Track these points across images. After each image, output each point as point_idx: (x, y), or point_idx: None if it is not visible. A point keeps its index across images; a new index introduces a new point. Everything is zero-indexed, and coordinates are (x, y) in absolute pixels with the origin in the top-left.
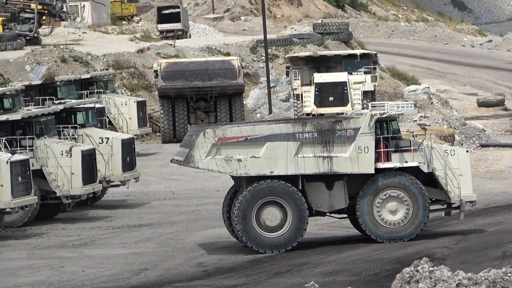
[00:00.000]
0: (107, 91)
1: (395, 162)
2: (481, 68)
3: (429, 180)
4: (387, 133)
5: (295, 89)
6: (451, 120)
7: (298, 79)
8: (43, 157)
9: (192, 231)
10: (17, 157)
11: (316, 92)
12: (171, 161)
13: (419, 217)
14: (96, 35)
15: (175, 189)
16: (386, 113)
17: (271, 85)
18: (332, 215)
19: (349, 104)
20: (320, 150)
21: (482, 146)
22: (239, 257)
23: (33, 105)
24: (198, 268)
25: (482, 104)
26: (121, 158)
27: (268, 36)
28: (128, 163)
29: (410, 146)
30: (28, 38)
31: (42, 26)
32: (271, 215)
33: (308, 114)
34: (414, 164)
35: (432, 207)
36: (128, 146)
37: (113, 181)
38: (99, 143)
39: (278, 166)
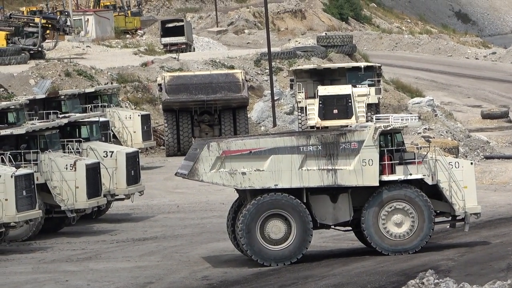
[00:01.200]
0: (111, 104)
1: (399, 174)
2: (485, 80)
3: (434, 192)
4: (391, 146)
5: (299, 102)
6: (455, 132)
7: (302, 92)
8: (48, 171)
9: (197, 244)
10: (22, 171)
11: (320, 105)
12: (175, 174)
13: (424, 229)
14: (100, 49)
15: (179, 202)
16: (390, 126)
17: (275, 98)
18: (337, 227)
19: (353, 117)
20: (324, 163)
21: (487, 158)
22: (244, 270)
23: (37, 119)
24: (203, 281)
25: (486, 116)
26: (126, 171)
27: (272, 49)
28: (133, 177)
29: (415, 159)
30: (32, 52)
31: (46, 40)
32: (276, 228)
33: (312, 127)
34: (419, 176)
35: (437, 219)
36: (132, 160)
37: (117, 195)
38: (104, 156)
39: (282, 179)
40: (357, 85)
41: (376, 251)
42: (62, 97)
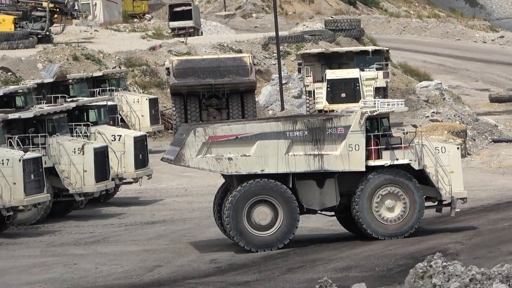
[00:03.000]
0: (119, 88)
1: (386, 159)
2: (493, 64)
3: (420, 177)
4: (378, 131)
5: (307, 85)
6: (463, 116)
7: (310, 76)
8: (56, 154)
9: (205, 227)
10: (30, 155)
11: (328, 89)
12: (161, 159)
13: (415, 213)
14: (108, 33)
15: (187, 186)
16: (376, 111)
17: (283, 82)
18: (323, 213)
19: (361, 101)
20: (310, 148)
21: (495, 141)
22: (251, 253)
23: (45, 103)
24: (211, 264)
25: (494, 99)
26: (134, 155)
27: (280, 33)
28: (141, 160)
29: (401, 144)
30: (40, 36)
31: (54, 25)
32: (262, 214)
33: (320, 111)
34: (405, 161)
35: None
36: (140, 144)
37: (125, 178)
38: (112, 140)
39: (268, 164)
40: (365, 69)
41: (365, 236)
42: (70, 81)
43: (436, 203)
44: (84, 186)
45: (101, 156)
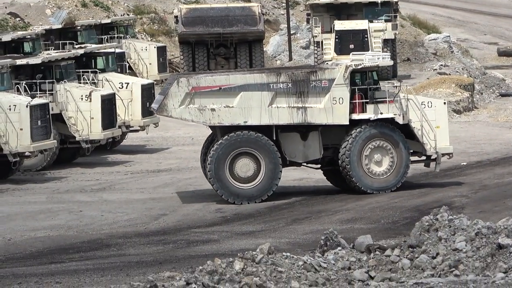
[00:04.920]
0: (127, 36)
1: (370, 113)
2: (502, 18)
3: (406, 132)
4: (365, 85)
5: (316, 36)
6: (471, 69)
7: (319, 26)
8: (63, 101)
9: None
10: (37, 101)
11: (337, 40)
12: (149, 108)
13: (402, 168)
14: None
15: (194, 135)
16: (361, 65)
17: (291, 32)
18: (309, 165)
19: (370, 51)
20: (294, 100)
21: (502, 95)
22: (257, 203)
23: (53, 49)
24: (217, 214)
25: (502, 53)
26: (141, 103)
27: None
28: (148, 108)
29: (386, 98)
30: None
31: None
32: (245, 166)
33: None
34: (389, 115)
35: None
36: (148, 91)
37: (132, 126)
38: (119, 88)
39: (252, 116)
40: (374, 20)
41: (351, 190)
42: (78, 27)
43: (422, 158)
44: (90, 133)
45: (108, 104)
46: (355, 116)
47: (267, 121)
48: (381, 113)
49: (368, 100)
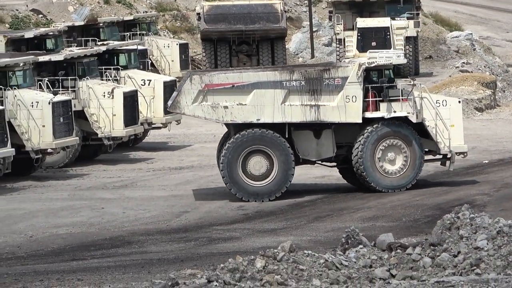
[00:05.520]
0: (149, 33)
1: (383, 112)
2: None
3: (421, 130)
4: (380, 82)
5: (338, 33)
6: (493, 67)
7: (341, 24)
8: (85, 98)
9: None
10: (59, 97)
11: (359, 37)
12: (166, 105)
13: (415, 166)
14: None
15: (216, 132)
16: (374, 63)
17: (313, 30)
18: (322, 163)
19: (392, 49)
20: (307, 98)
21: None
22: (279, 201)
23: (76, 46)
24: (239, 211)
25: None
26: (163, 100)
27: None
28: None
29: (400, 96)
30: None
31: None
32: (257, 164)
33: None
34: (403, 114)
35: (426, 157)
36: (170, 88)
37: (154, 123)
38: (141, 85)
39: (264, 113)
40: (396, 18)
41: (365, 188)
42: (101, 24)
43: (437, 156)
44: (113, 130)
45: (131, 100)
46: (368, 115)
47: (280, 119)
48: (395, 112)
49: (381, 98)
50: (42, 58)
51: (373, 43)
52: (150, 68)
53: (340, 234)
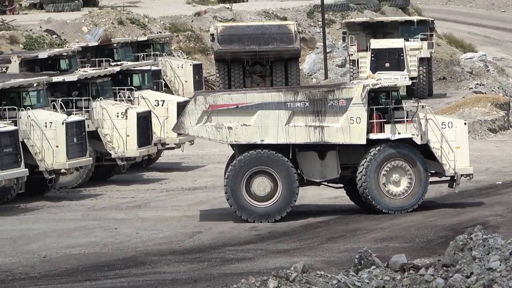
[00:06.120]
0: (163, 53)
1: (387, 133)
2: None
3: (426, 152)
4: (384, 104)
5: (351, 54)
6: (507, 88)
7: (355, 45)
8: (99, 118)
9: None
10: (73, 118)
11: (372, 58)
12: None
13: (420, 188)
14: None
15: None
16: (378, 84)
17: (327, 51)
18: (329, 185)
19: (405, 70)
20: (311, 119)
21: None
22: (292, 221)
23: (90, 67)
24: (252, 232)
25: None
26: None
27: (325, 1)
28: None
29: (405, 118)
30: None
31: None
32: (261, 184)
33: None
34: (407, 135)
35: (431, 179)
36: (183, 109)
37: (168, 144)
38: (155, 105)
39: (268, 134)
40: (410, 39)
41: (371, 210)
42: (115, 45)
43: (443, 178)
44: (126, 150)
45: (144, 121)
46: (373, 136)
47: (284, 140)
48: (399, 133)
49: (386, 120)
50: (56, 79)
51: (387, 64)
52: (163, 88)
53: (353, 255)
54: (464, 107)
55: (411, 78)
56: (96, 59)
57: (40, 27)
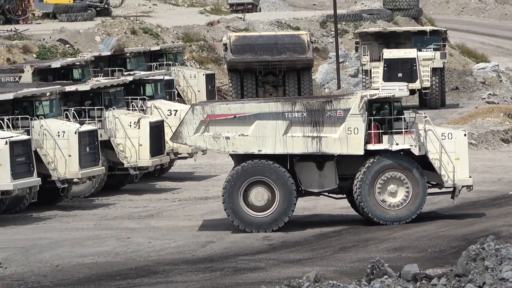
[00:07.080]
0: (176, 63)
1: (385, 144)
2: None
3: (426, 163)
4: (381, 115)
5: (364, 64)
6: None
7: (367, 55)
8: (112, 128)
9: None
10: (86, 127)
11: (385, 68)
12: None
13: (418, 199)
14: (166, 7)
15: None
16: (376, 95)
17: (340, 60)
18: (330, 195)
19: (418, 81)
20: (309, 130)
21: None
22: (305, 231)
23: (102, 76)
24: (264, 241)
25: None
26: None
27: (338, 11)
28: None
29: (403, 128)
30: (98, 9)
31: None
32: (259, 195)
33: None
34: (405, 146)
35: (429, 191)
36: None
37: (180, 153)
38: (168, 115)
39: (266, 145)
40: (422, 49)
41: (369, 220)
42: (128, 54)
43: (442, 190)
44: (139, 160)
45: (157, 131)
46: (371, 147)
47: (282, 150)
48: (397, 144)
49: (384, 131)
50: (68, 88)
51: (399, 74)
52: (176, 98)
53: (366, 265)
54: (477, 117)
55: (424, 88)
56: (109, 69)
57: (50, 37)
